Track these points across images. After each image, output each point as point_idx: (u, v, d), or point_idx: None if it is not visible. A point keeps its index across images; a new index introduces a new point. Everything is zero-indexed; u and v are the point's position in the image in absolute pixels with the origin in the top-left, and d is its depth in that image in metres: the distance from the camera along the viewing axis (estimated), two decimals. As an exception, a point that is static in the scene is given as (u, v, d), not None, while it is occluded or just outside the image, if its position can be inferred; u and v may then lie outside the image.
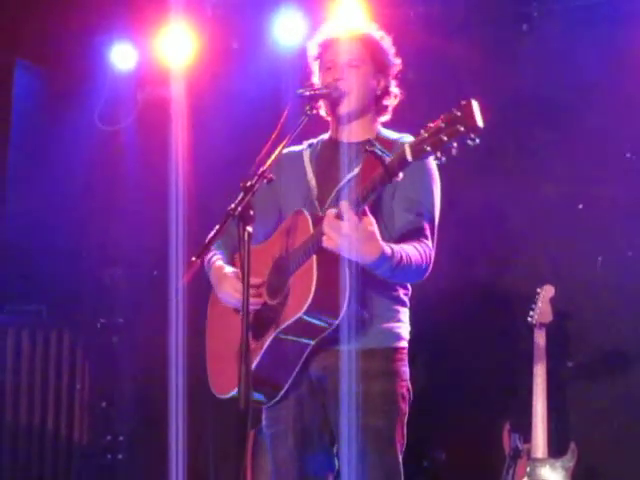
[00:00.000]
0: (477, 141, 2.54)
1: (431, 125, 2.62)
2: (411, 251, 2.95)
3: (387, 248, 2.84)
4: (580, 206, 4.81)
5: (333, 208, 2.82)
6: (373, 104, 3.22)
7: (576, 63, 4.79)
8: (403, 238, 3.01)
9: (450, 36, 5.01)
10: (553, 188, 4.85)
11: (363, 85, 3.16)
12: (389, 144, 3.07)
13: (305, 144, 3.30)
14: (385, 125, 3.29)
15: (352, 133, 3.18)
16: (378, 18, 4.72)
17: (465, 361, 4.93)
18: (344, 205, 2.77)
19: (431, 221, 3.10)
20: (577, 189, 4.82)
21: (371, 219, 2.80)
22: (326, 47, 3.21)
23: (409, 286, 3.19)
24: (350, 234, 2.76)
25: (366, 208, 2.82)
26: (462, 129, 2.54)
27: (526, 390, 4.33)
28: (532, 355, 4.33)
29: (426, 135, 2.62)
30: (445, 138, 2.57)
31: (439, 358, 4.93)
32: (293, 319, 2.94)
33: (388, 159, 2.72)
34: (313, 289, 2.88)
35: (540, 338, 4.37)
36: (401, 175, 2.72)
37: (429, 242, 3.05)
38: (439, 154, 2.60)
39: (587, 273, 4.74)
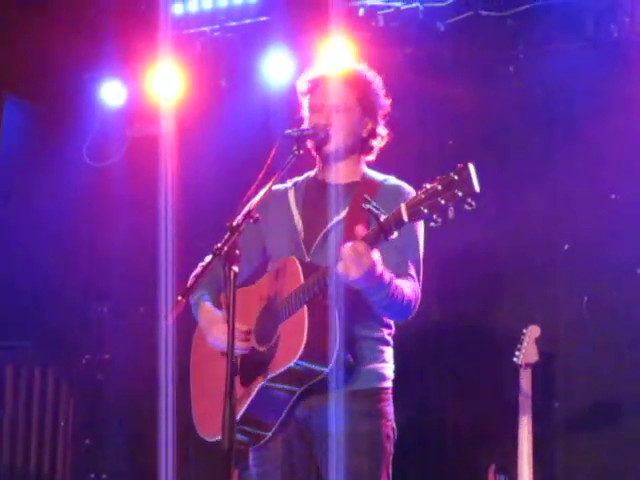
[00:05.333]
0: (474, 205, 2.56)
1: (427, 187, 2.63)
2: (404, 286, 2.99)
3: (387, 275, 2.88)
4: (566, 247, 4.83)
5: (349, 243, 2.80)
6: (359, 145, 3.24)
7: (562, 105, 4.84)
8: None
9: (438, 76, 5.05)
10: (538, 228, 4.87)
11: (349, 129, 3.18)
12: (375, 186, 3.10)
13: (290, 183, 3.31)
14: (370, 163, 3.31)
15: (338, 174, 3.20)
16: (366, 58, 4.78)
17: (450, 401, 4.92)
18: (361, 245, 2.76)
19: (417, 264, 3.13)
20: (562, 229, 4.85)
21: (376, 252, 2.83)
22: (315, 86, 3.24)
23: (393, 326, 3.21)
24: (365, 268, 2.77)
25: None
26: (460, 194, 2.56)
27: (512, 431, 4.31)
28: (518, 395, 4.32)
29: (423, 197, 2.63)
30: (442, 202, 2.58)
31: (424, 398, 4.92)
32: (283, 368, 2.96)
33: (383, 217, 2.73)
34: (304, 339, 2.90)
35: (526, 378, 4.37)
36: (396, 234, 2.73)
37: (417, 283, 3.08)
38: (435, 216, 2.61)
39: (573, 314, 4.75)
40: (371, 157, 3.30)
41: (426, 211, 2.61)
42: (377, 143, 3.27)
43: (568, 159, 4.83)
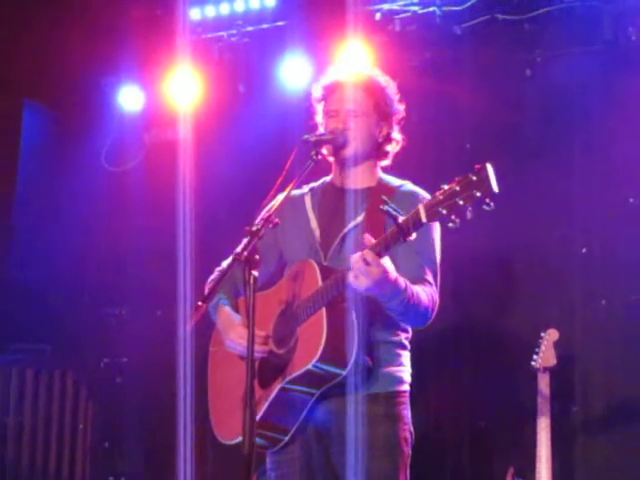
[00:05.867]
0: (492, 205, 2.57)
1: (445, 187, 2.64)
2: (420, 292, 3.00)
3: (401, 281, 2.89)
4: (583, 250, 4.82)
5: (358, 253, 2.82)
6: (375, 150, 3.26)
7: (579, 108, 4.83)
8: None
9: (455, 80, 5.06)
10: (556, 231, 4.86)
11: (366, 134, 3.21)
12: (391, 191, 3.12)
13: (306, 188, 3.33)
14: (388, 168, 3.33)
15: (355, 179, 3.22)
16: (383, 63, 4.80)
17: (467, 404, 4.91)
18: (369, 254, 2.78)
19: (434, 268, 3.14)
20: (580, 232, 4.83)
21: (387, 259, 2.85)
22: (330, 91, 3.26)
23: (410, 330, 3.22)
24: (375, 277, 2.80)
25: None
26: (478, 194, 2.58)
27: (530, 434, 4.30)
28: (536, 399, 4.32)
29: (441, 197, 2.65)
30: (461, 202, 2.60)
31: (441, 401, 4.92)
32: (302, 370, 2.97)
33: (402, 218, 2.74)
34: (323, 341, 2.91)
35: (544, 382, 4.35)
36: (414, 235, 2.74)
37: (434, 288, 3.09)
38: (454, 217, 2.62)
39: (591, 317, 4.74)
40: (386, 162, 3.32)
41: (445, 212, 2.63)
42: (392, 148, 3.29)
43: (585, 162, 4.82)
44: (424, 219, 2.69)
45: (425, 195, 3.16)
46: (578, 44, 4.89)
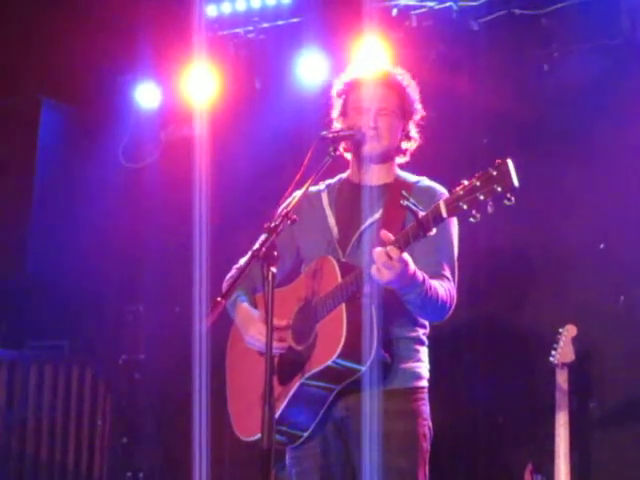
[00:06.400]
0: (513, 200, 2.56)
1: (466, 183, 2.64)
2: (438, 286, 3.00)
3: (419, 274, 2.90)
4: (601, 246, 4.80)
5: (381, 248, 2.82)
6: (395, 148, 3.26)
7: (596, 103, 4.81)
8: None
9: (471, 76, 5.04)
10: (575, 227, 4.84)
11: (391, 132, 3.21)
12: (408, 187, 3.12)
13: (322, 185, 3.33)
14: (404, 163, 3.33)
15: (372, 176, 3.22)
16: (399, 57, 4.80)
17: (486, 400, 4.90)
18: (393, 250, 2.79)
19: (451, 264, 3.14)
20: (599, 228, 4.81)
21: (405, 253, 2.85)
22: (353, 87, 3.25)
23: (427, 325, 3.22)
24: (397, 271, 2.80)
25: None
26: (499, 189, 2.58)
27: (549, 430, 4.29)
28: (554, 395, 4.30)
29: (461, 193, 2.65)
30: (482, 197, 2.60)
31: (458, 397, 4.91)
32: (322, 367, 2.98)
33: (422, 214, 2.74)
34: (343, 338, 2.92)
35: (562, 378, 4.34)
36: (434, 230, 2.74)
37: (452, 284, 3.09)
38: (474, 212, 2.62)
39: (610, 312, 4.72)
40: (404, 159, 3.32)
41: (465, 207, 2.63)
42: (410, 146, 3.30)
43: (603, 158, 4.80)
44: (444, 214, 2.69)
45: (442, 190, 3.17)
46: (595, 39, 4.87)
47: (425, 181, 3.25)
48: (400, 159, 3.31)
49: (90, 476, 5.87)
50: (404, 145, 3.28)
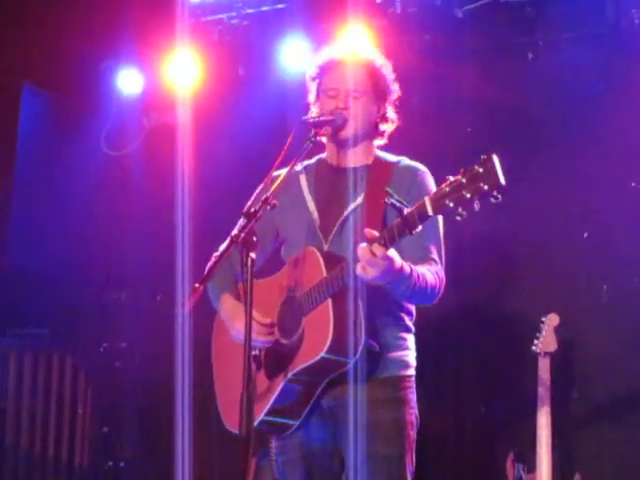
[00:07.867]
0: (500, 198, 2.52)
1: (451, 179, 2.59)
2: (426, 272, 2.98)
3: (407, 267, 2.87)
4: (585, 234, 4.80)
5: (363, 244, 2.78)
6: (372, 130, 3.23)
7: (581, 92, 4.80)
8: (414, 264, 3.00)
9: (456, 63, 5.02)
10: (558, 216, 4.84)
11: (365, 113, 3.17)
12: (389, 167, 3.10)
13: (299, 166, 3.27)
14: (388, 149, 3.30)
15: (352, 158, 3.19)
16: (383, 45, 4.76)
17: (468, 389, 4.91)
18: (377, 247, 2.75)
19: (438, 245, 3.12)
20: (582, 217, 4.81)
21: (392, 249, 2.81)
22: (327, 70, 3.22)
23: (414, 312, 3.21)
24: (382, 268, 2.77)
25: None
26: (485, 187, 2.52)
27: (530, 420, 4.30)
28: (536, 384, 4.30)
29: (447, 190, 2.59)
30: (468, 195, 2.54)
31: (442, 386, 4.91)
32: (310, 362, 2.96)
33: (407, 210, 2.69)
34: (331, 333, 2.90)
35: (544, 367, 4.34)
36: (420, 228, 2.70)
37: (439, 266, 3.07)
38: (460, 210, 2.57)
39: (593, 302, 4.72)
40: (382, 141, 3.29)
41: (451, 205, 2.57)
42: (387, 127, 3.26)
43: (587, 146, 4.79)
44: (430, 212, 2.64)
45: (423, 169, 3.16)
46: (580, 27, 4.86)
47: (405, 160, 3.22)
48: (378, 141, 3.27)
49: (71, 465, 5.83)
50: (382, 127, 3.24)
